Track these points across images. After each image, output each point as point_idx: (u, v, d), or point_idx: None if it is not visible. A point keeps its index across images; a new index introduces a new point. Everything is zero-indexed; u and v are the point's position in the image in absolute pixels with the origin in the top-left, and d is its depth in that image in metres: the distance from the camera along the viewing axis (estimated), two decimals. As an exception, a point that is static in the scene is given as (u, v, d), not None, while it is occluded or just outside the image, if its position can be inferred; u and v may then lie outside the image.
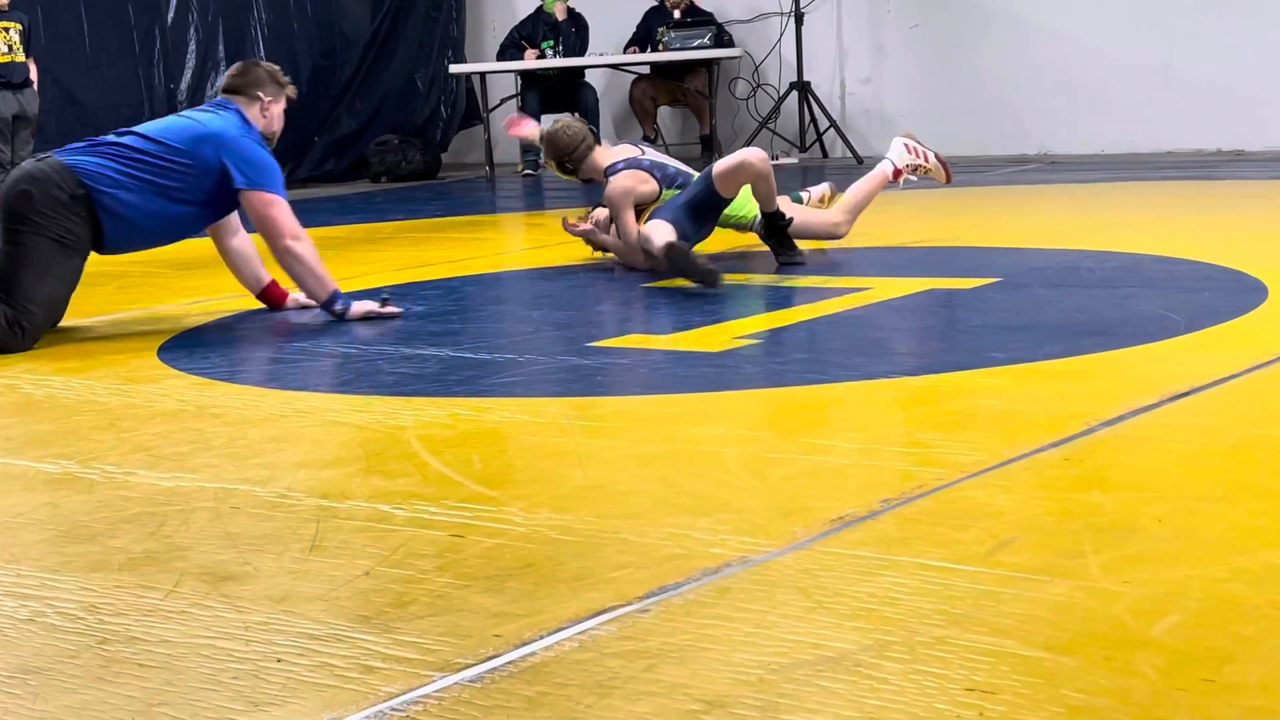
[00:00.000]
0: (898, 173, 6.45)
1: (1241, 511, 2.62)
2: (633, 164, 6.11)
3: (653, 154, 6.32)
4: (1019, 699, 1.91)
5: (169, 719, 2.01)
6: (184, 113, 5.55)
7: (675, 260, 5.41)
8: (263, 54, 12.07)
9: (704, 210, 5.83)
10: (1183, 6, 10.46)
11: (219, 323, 5.44)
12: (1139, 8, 10.60)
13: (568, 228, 6.36)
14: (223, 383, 4.28)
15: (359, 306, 5.23)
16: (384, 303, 5.26)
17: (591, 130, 6.32)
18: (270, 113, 5.43)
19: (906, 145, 6.55)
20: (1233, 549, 2.42)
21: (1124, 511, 2.64)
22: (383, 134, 12.56)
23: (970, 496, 2.79)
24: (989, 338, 4.31)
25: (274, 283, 5.58)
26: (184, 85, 11.82)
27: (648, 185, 6.04)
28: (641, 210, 6.03)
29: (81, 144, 5.37)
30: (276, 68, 5.57)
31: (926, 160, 6.53)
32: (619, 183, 6.01)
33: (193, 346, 4.96)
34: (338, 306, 5.22)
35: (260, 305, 5.61)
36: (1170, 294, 4.85)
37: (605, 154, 6.23)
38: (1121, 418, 3.30)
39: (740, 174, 5.72)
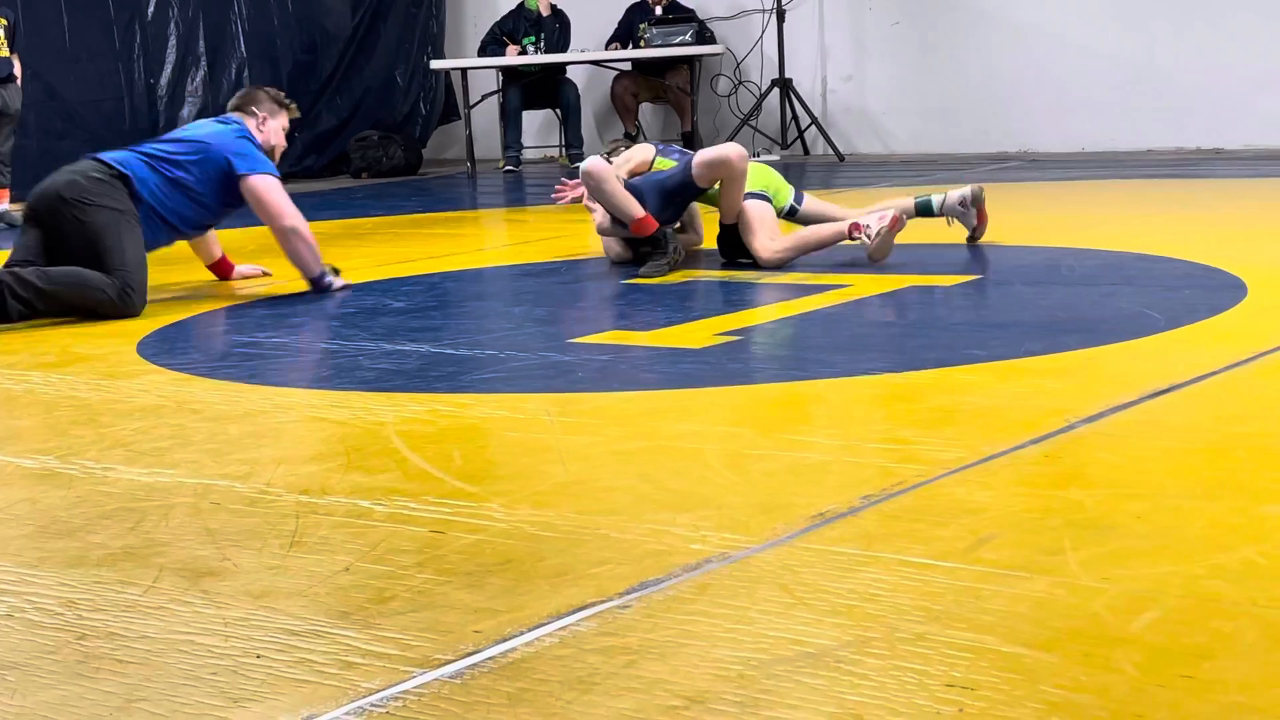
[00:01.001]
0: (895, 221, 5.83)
1: (1220, 508, 2.63)
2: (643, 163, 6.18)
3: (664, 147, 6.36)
4: (998, 695, 1.91)
5: (147, 715, 2.00)
6: (186, 125, 6.02)
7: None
8: (243, 49, 12.06)
9: (675, 194, 5.87)
10: (1163, 6, 10.49)
11: (199, 318, 5.43)
12: (1119, 7, 10.63)
13: (557, 194, 6.48)
14: (202, 378, 4.27)
15: (339, 280, 5.82)
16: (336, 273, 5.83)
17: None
18: (267, 127, 5.96)
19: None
20: (1212, 546, 2.43)
21: (1103, 508, 2.65)
22: (363, 130, 12.54)
23: (950, 493, 2.79)
24: (969, 335, 4.32)
25: (224, 258, 6.25)
26: (164, 80, 11.78)
27: (647, 154, 6.13)
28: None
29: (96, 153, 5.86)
30: (279, 91, 6.19)
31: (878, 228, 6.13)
32: (623, 155, 6.14)
33: (172, 342, 4.95)
34: (325, 280, 5.77)
35: (239, 301, 5.75)
36: (1150, 291, 4.87)
37: (641, 148, 6.28)
38: (1101, 415, 3.30)
39: (720, 169, 5.71)
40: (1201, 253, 5.57)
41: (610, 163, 6.03)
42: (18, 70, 10.19)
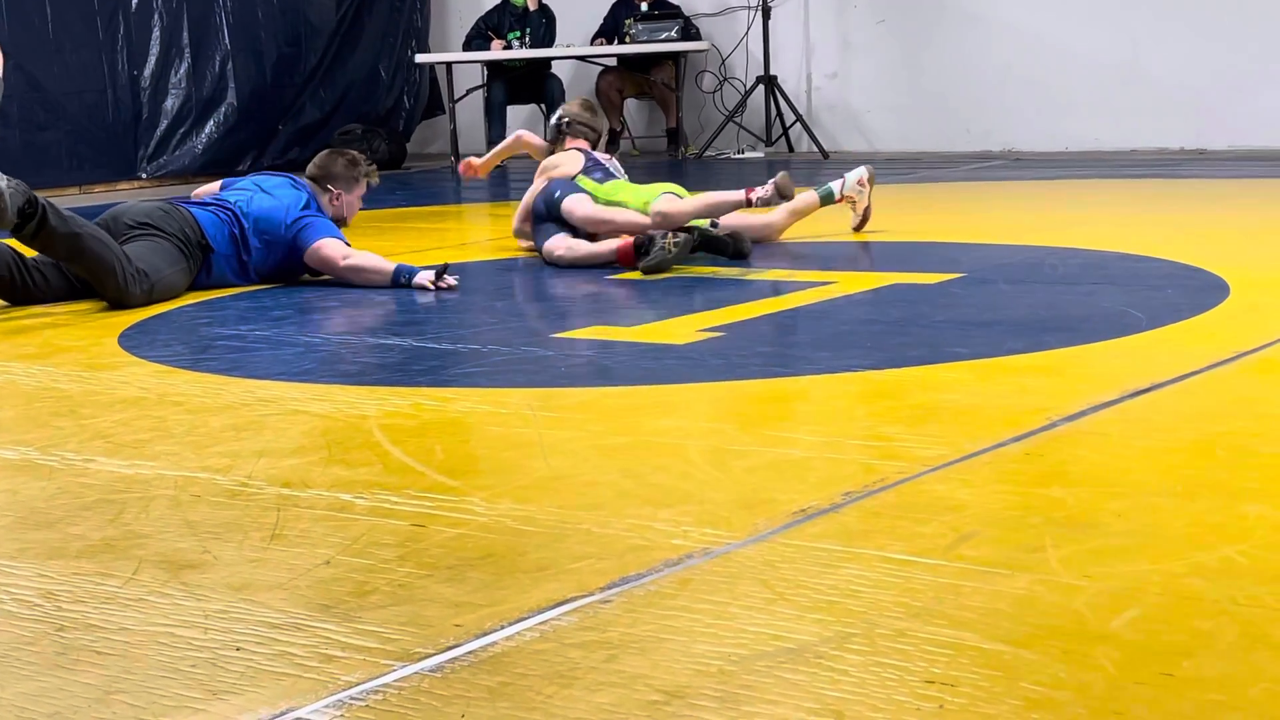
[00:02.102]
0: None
1: (1201, 507, 2.64)
2: (581, 149, 6.44)
3: (603, 160, 6.53)
4: (978, 691, 1.91)
5: (126, 707, 1.99)
6: (270, 189, 5.96)
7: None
8: (227, 42, 12.02)
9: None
10: (1147, 6, 10.51)
11: (181, 310, 5.42)
12: (1104, 6, 10.64)
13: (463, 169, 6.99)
14: (184, 370, 4.26)
15: (421, 276, 5.57)
16: (440, 273, 5.56)
17: (597, 138, 6.69)
18: (340, 202, 6.08)
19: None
20: (1192, 544, 2.43)
21: (1084, 506, 2.65)
22: (347, 123, 12.52)
23: (932, 490, 2.79)
24: (952, 333, 4.32)
25: None
26: (148, 72, 11.74)
27: (574, 166, 6.33)
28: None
29: (202, 202, 5.93)
30: (360, 156, 6.24)
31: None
32: (558, 154, 6.43)
33: (154, 334, 4.94)
34: (403, 279, 5.61)
35: (221, 294, 5.72)
36: (1132, 291, 4.88)
37: (571, 155, 6.45)
38: (1083, 413, 3.31)
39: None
40: (1184, 253, 5.58)
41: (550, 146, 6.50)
42: (0, 61, 10.15)
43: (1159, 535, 2.49)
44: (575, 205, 6.08)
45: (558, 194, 6.15)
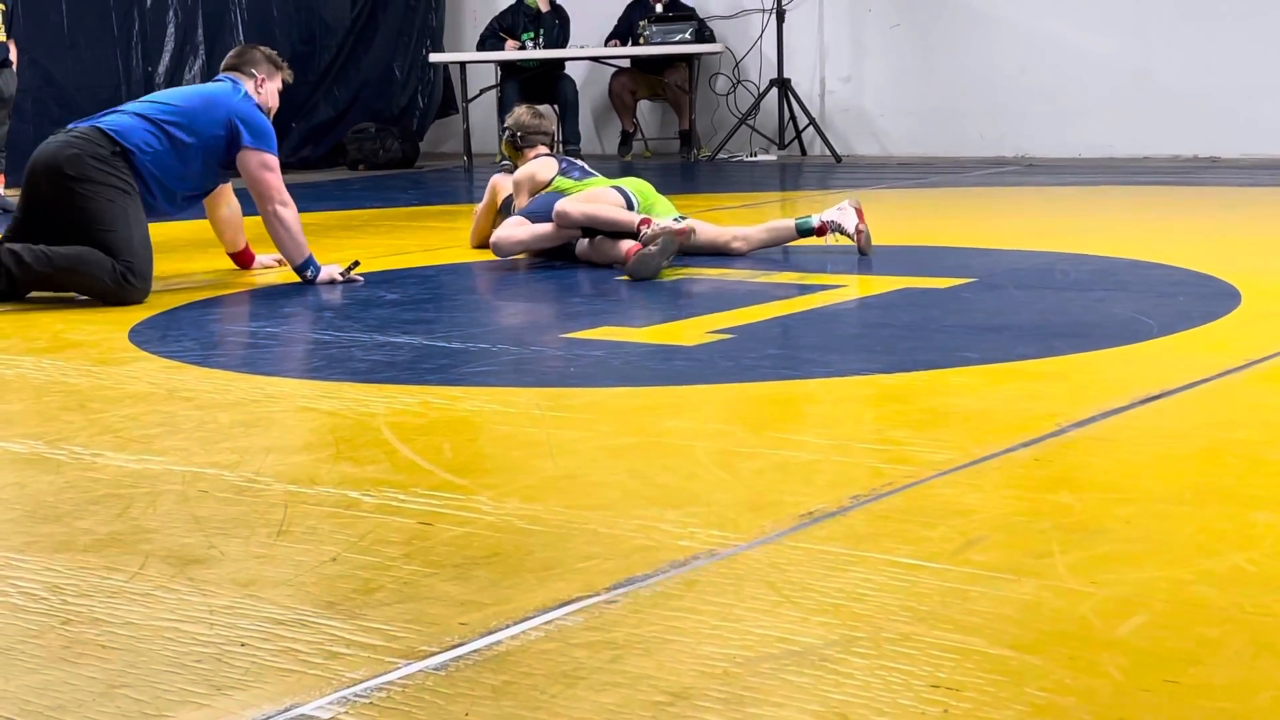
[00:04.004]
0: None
1: (1209, 514, 2.63)
2: (548, 156, 6.45)
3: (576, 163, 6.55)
4: (984, 696, 1.91)
5: (130, 701, 1.99)
6: (185, 86, 5.89)
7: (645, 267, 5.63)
8: (241, 38, 12.02)
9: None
10: (1163, 13, 10.50)
11: (191, 306, 5.42)
12: (1119, 13, 10.63)
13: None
14: (194, 366, 4.27)
15: (326, 272, 5.74)
16: (349, 269, 5.77)
17: (551, 140, 6.70)
18: (265, 89, 5.90)
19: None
20: (1200, 551, 2.43)
21: (1092, 512, 2.65)
22: (361, 122, 12.53)
23: (940, 494, 2.79)
24: (962, 337, 4.32)
25: (247, 248, 6.18)
26: (162, 68, 11.76)
27: (548, 173, 6.32)
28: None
29: (100, 113, 5.77)
30: (273, 51, 6.07)
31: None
32: (525, 170, 6.39)
33: (164, 329, 4.94)
34: (309, 273, 5.73)
35: (231, 291, 5.77)
36: (1144, 298, 4.87)
37: (535, 153, 6.51)
38: (1092, 419, 3.30)
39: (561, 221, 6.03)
40: (1196, 260, 5.57)
41: (511, 174, 6.44)
42: (13, 55, 10.17)
43: (1167, 542, 2.48)
44: (569, 206, 6.07)
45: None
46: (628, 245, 5.82)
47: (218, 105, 5.67)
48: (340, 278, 5.72)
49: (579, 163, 6.50)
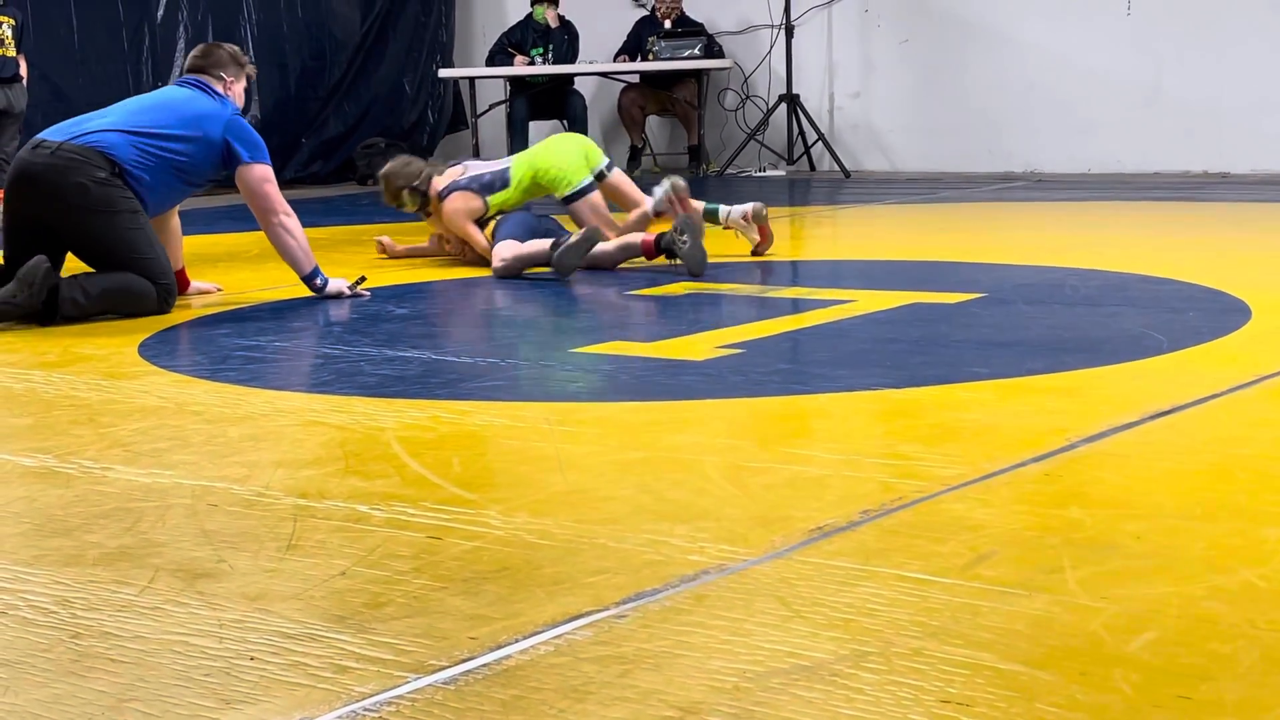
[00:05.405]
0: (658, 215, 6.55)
1: (1220, 530, 2.62)
2: (454, 187, 6.57)
3: (473, 168, 6.73)
4: (994, 712, 1.90)
5: (140, 715, 1.99)
6: (162, 93, 5.79)
7: (563, 260, 5.93)
8: (252, 55, 12.04)
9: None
10: (1171, 28, 10.50)
11: (201, 320, 5.43)
12: (1128, 29, 10.63)
13: (386, 249, 7.05)
14: (203, 380, 4.27)
15: (334, 285, 5.73)
16: (355, 284, 5.77)
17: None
18: (233, 91, 5.84)
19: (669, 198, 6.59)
20: (1211, 567, 2.42)
21: (1103, 528, 2.64)
22: (370, 136, 12.55)
23: (950, 509, 2.78)
24: (972, 352, 4.31)
25: (184, 271, 5.99)
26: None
27: (474, 203, 6.55)
28: (481, 224, 6.59)
29: (74, 123, 5.66)
30: (237, 49, 6.01)
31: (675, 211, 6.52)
32: (450, 206, 6.54)
33: (174, 344, 4.95)
34: (318, 281, 5.71)
35: (242, 305, 5.75)
36: (1153, 313, 4.86)
37: (439, 180, 6.67)
38: (1102, 434, 3.30)
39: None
40: (1206, 275, 5.57)
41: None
42: (23, 70, 10.21)
43: (1178, 558, 2.48)
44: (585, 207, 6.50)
45: (546, 225, 6.49)
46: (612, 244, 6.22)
47: (209, 125, 5.60)
48: (348, 291, 5.72)
49: (474, 168, 6.69)
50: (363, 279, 5.84)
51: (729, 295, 5.64)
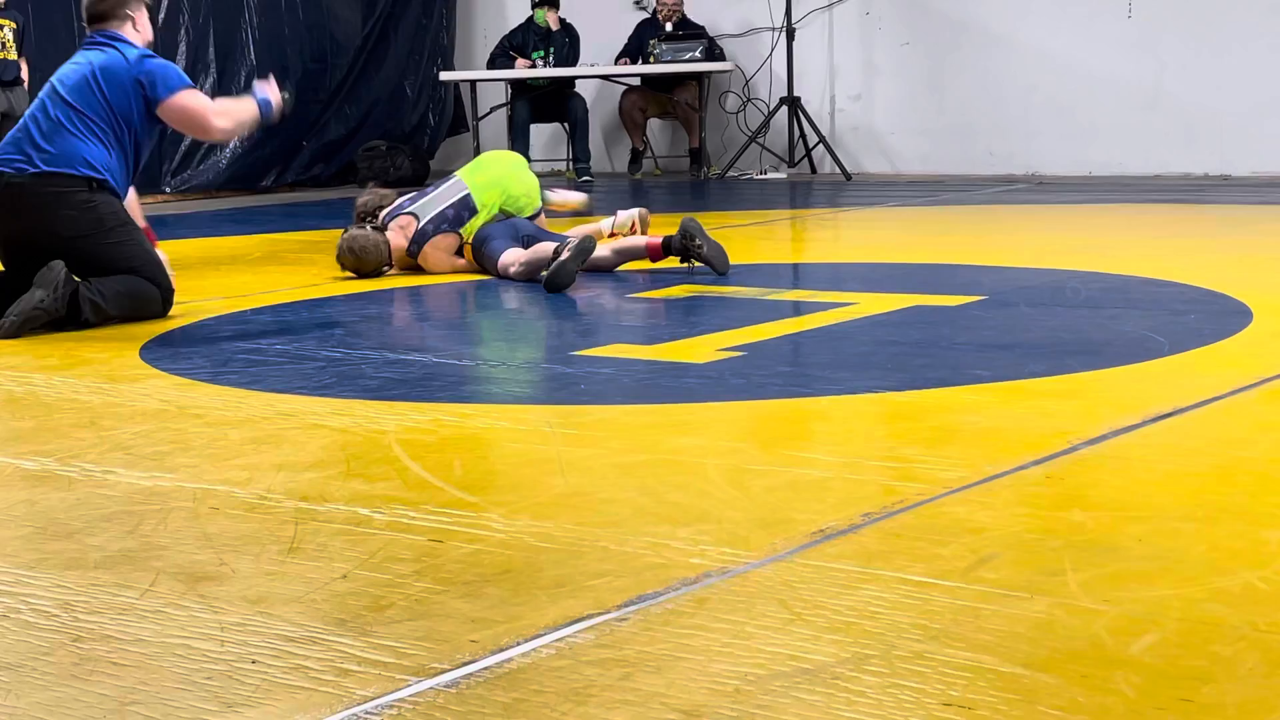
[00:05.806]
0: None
1: (1221, 532, 2.62)
2: (422, 238, 6.49)
3: (423, 209, 6.61)
4: (996, 714, 1.90)
5: (141, 718, 1.99)
6: (77, 68, 5.64)
7: (562, 276, 5.83)
8: (253, 57, 12.07)
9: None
10: (1172, 31, 10.50)
11: (202, 324, 5.43)
12: (1129, 31, 10.63)
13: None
14: (204, 383, 4.27)
15: (270, 94, 5.70)
16: (284, 95, 5.81)
17: (370, 223, 6.75)
18: (141, 26, 5.70)
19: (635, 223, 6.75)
20: (1212, 570, 2.42)
21: (1104, 530, 2.64)
22: (371, 139, 12.55)
23: (951, 512, 2.78)
24: (973, 355, 4.31)
25: (148, 228, 5.92)
26: (173, 86, 11.78)
27: (450, 240, 6.52)
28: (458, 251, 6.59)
29: (24, 135, 5.54)
30: None
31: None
32: (433, 255, 6.48)
33: (175, 347, 4.95)
34: (272, 112, 5.70)
35: (243, 308, 5.74)
36: (1155, 316, 4.86)
37: (394, 238, 6.58)
38: (1104, 437, 3.30)
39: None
40: (1207, 278, 5.57)
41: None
42: (24, 74, 10.22)
43: (1179, 560, 2.48)
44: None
45: (523, 226, 6.50)
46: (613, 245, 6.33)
47: (120, 79, 5.48)
48: (283, 100, 5.71)
49: (424, 208, 6.59)
50: (291, 89, 5.93)
51: (730, 298, 5.64)
